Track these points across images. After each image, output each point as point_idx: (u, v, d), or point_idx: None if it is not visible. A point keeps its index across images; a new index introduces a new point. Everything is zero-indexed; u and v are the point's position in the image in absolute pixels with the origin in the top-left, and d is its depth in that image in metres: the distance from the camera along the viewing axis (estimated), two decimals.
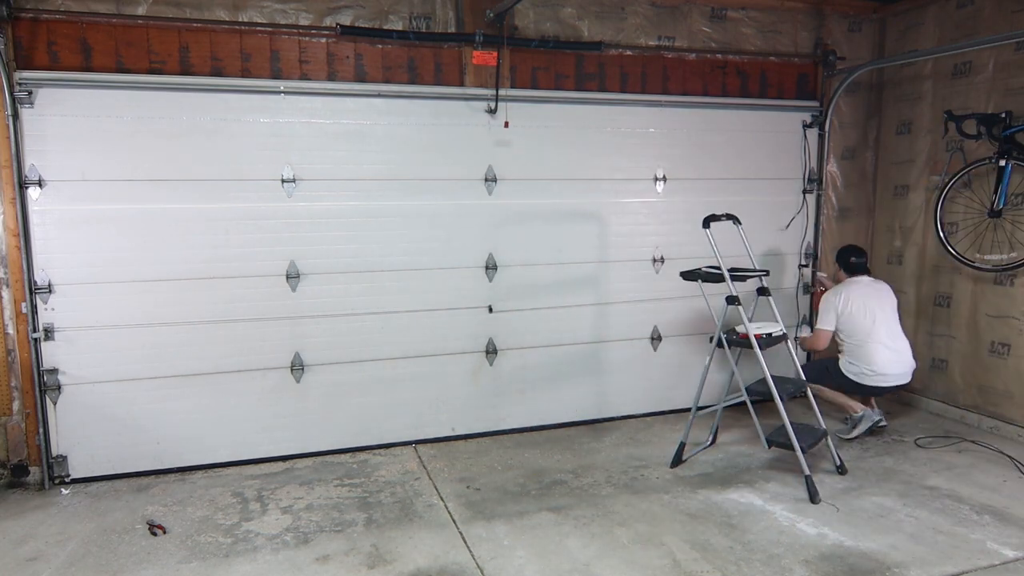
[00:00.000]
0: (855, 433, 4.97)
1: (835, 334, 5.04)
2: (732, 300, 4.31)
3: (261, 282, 4.68)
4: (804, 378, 4.68)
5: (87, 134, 4.28)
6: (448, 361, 5.13)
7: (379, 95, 4.79)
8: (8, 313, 4.27)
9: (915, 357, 5.05)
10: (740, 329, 4.40)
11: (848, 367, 4.98)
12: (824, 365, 5.15)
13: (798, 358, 4.82)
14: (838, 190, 6.09)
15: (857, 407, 5.01)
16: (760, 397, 4.45)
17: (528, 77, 5.10)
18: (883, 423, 5.07)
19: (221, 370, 4.66)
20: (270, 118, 4.60)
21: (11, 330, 4.29)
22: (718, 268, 4.37)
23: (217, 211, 4.55)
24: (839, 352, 5.12)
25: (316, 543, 3.70)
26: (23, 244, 4.22)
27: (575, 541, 3.69)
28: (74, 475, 4.47)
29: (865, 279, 5.12)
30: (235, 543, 3.72)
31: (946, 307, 5.60)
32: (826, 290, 5.31)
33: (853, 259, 5.18)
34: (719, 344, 4.48)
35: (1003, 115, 4.92)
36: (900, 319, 5.10)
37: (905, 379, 4.99)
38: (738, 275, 4.43)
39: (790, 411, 4.30)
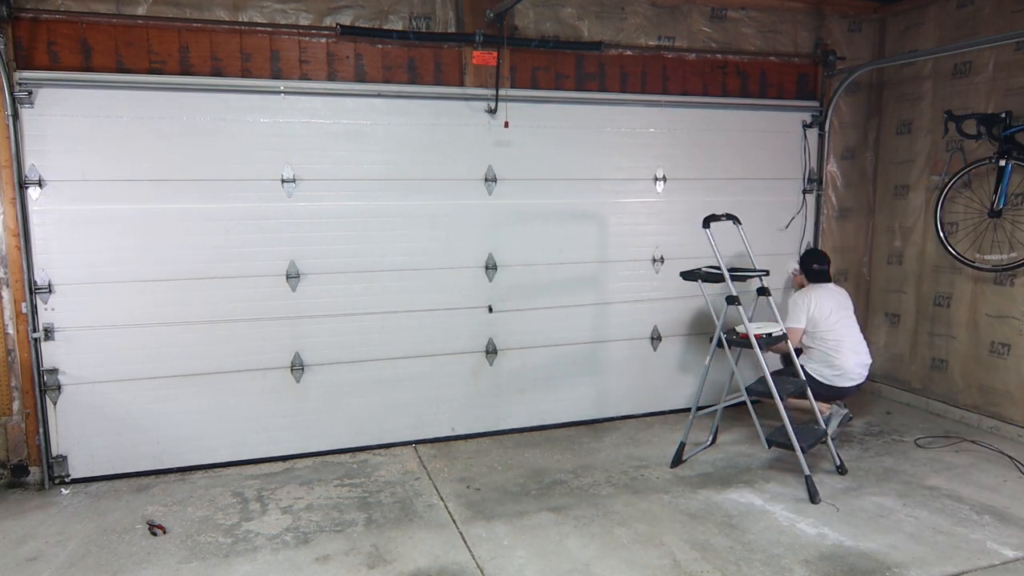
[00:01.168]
0: (831, 432, 4.88)
1: (803, 337, 4.99)
2: (732, 300, 4.31)
3: (261, 282, 4.68)
4: (803, 381, 4.68)
5: (87, 134, 4.28)
6: (448, 361, 5.13)
7: (379, 95, 4.79)
8: (8, 313, 4.27)
9: (871, 355, 5.11)
10: (740, 329, 4.40)
11: (816, 369, 4.94)
12: (789, 373, 4.99)
13: (794, 356, 4.81)
14: (838, 190, 6.09)
15: (824, 407, 4.97)
16: (760, 397, 4.46)
17: (528, 77, 5.10)
18: (850, 415, 5.08)
19: (221, 370, 4.66)
20: (270, 118, 4.60)
21: (11, 330, 4.29)
22: (718, 268, 4.37)
23: (217, 211, 4.55)
24: (802, 356, 5.05)
25: (316, 543, 3.70)
26: (23, 244, 4.22)
27: (575, 541, 3.69)
28: (74, 475, 4.47)
29: (830, 285, 5.13)
30: (235, 543, 3.72)
31: (946, 307, 5.60)
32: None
33: (816, 266, 5.16)
34: (719, 344, 4.48)
35: (1003, 115, 4.93)
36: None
37: (864, 379, 5.04)
38: (738, 275, 4.43)
39: (790, 411, 4.30)
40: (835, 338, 4.91)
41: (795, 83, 5.85)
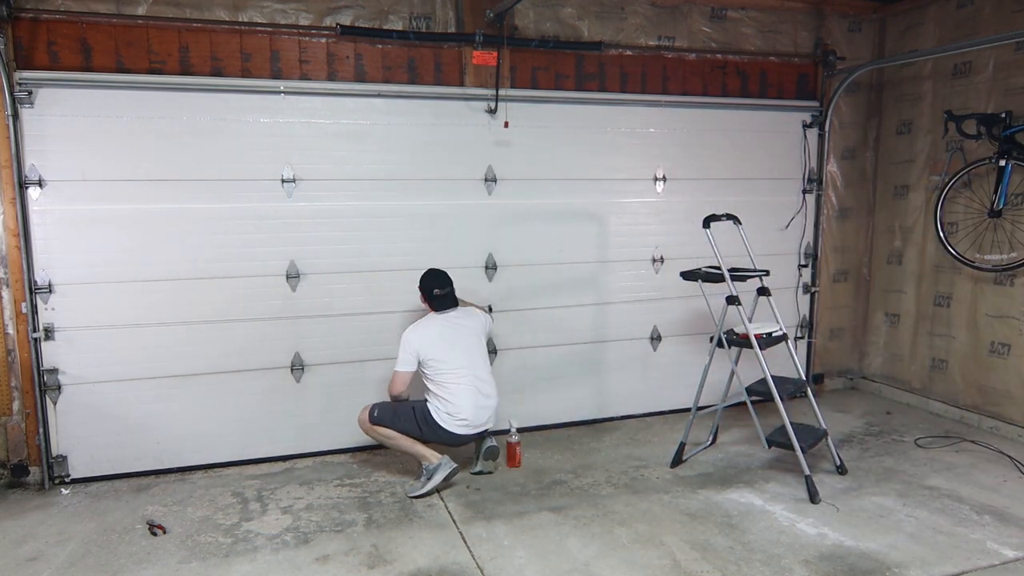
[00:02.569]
0: (429, 486, 4.19)
1: (422, 375, 4.33)
2: (732, 300, 4.31)
3: (261, 282, 4.68)
4: (803, 381, 4.67)
5: (87, 134, 4.28)
6: None
7: (379, 95, 4.79)
8: (8, 313, 4.27)
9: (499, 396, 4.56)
10: (740, 329, 4.40)
11: (438, 410, 4.28)
12: (410, 407, 4.32)
13: (798, 357, 4.81)
14: (838, 190, 6.09)
15: (433, 456, 4.28)
16: (760, 397, 4.45)
17: (528, 77, 5.10)
18: (457, 469, 4.29)
19: (221, 370, 4.66)
20: (270, 118, 4.60)
21: (11, 330, 4.29)
22: (718, 268, 4.37)
23: (217, 211, 4.55)
24: (426, 395, 4.36)
25: (316, 543, 3.70)
26: (23, 244, 4.22)
27: (575, 541, 3.68)
28: (74, 475, 4.47)
29: (452, 314, 4.44)
30: (235, 543, 3.71)
31: (946, 307, 5.60)
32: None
33: (436, 291, 4.40)
34: (719, 344, 4.48)
35: (1003, 115, 4.93)
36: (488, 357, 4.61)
37: (489, 426, 4.46)
38: (738, 275, 4.43)
39: (790, 411, 4.30)
40: (453, 380, 4.26)
41: (795, 83, 5.85)
